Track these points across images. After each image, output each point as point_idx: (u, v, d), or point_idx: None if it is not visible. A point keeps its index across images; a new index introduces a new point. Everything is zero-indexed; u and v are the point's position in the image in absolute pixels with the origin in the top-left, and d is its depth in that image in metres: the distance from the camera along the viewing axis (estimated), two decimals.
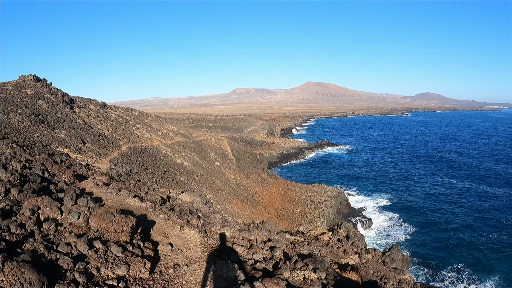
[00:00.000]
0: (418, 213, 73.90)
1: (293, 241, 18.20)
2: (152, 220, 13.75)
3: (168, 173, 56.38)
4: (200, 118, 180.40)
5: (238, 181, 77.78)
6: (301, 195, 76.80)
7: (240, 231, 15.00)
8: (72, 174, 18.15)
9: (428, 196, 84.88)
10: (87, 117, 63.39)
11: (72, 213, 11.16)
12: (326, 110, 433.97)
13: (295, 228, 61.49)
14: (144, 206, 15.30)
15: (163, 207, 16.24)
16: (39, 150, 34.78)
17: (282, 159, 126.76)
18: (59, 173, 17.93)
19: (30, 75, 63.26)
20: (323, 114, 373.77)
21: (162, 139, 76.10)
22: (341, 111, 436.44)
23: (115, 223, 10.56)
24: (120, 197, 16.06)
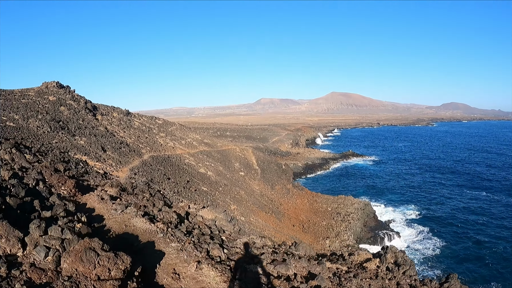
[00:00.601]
0: (447, 226, 69.35)
1: (335, 271, 14.80)
2: (161, 250, 10.49)
3: (191, 183, 53.34)
4: (225, 127, 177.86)
5: (262, 192, 74.34)
6: (327, 207, 73.22)
7: (274, 263, 11.64)
8: (73, 186, 15.16)
9: (457, 208, 80.00)
10: (110, 124, 61.04)
11: (38, 248, 7.91)
12: (350, 121, 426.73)
13: (321, 242, 57.84)
14: (153, 229, 12.06)
15: (178, 230, 12.95)
16: (54, 157, 32.16)
17: (307, 169, 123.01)
18: (57, 184, 14.98)
19: (53, 81, 61.39)
20: (347, 124, 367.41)
21: (186, 148, 73.32)
22: (366, 121, 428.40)
23: (98, 265, 7.28)
24: (126, 216, 12.94)
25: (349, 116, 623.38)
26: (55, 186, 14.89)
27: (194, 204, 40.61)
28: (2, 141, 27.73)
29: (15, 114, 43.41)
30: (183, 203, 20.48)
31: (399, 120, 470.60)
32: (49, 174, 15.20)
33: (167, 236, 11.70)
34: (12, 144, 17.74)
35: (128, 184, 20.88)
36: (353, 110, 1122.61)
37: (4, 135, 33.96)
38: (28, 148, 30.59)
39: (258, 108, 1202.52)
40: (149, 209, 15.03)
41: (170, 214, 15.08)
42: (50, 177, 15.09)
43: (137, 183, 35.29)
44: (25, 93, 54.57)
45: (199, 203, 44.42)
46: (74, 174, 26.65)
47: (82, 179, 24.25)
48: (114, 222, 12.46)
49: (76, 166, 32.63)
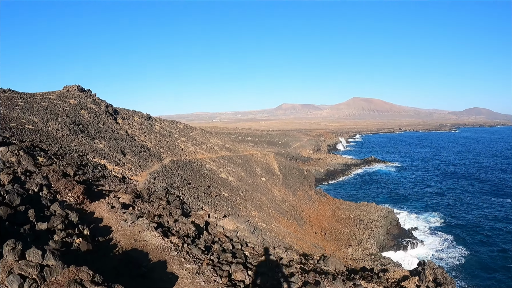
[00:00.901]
0: (472, 234, 66.04)
1: None
2: (173, 273, 8.70)
3: (212, 188, 51.74)
4: (246, 132, 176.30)
5: (284, 198, 72.36)
6: (350, 214, 70.87)
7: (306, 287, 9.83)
8: (82, 192, 13.63)
9: (482, 216, 76.29)
10: (131, 128, 60.01)
11: (11, 277, 6.18)
12: (372, 126, 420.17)
13: (343, 250, 55.63)
14: (166, 245, 10.33)
15: (195, 247, 11.19)
16: (71, 160, 30.95)
17: (329, 175, 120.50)
18: (64, 189, 13.47)
19: (74, 85, 60.75)
20: (369, 130, 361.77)
21: (207, 153, 71.89)
22: (388, 127, 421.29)
23: None
24: (136, 228, 11.31)
25: (370, 121, 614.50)
26: (61, 192, 13.39)
27: (214, 212, 38.99)
28: (17, 143, 26.65)
29: (35, 117, 42.54)
30: (203, 211, 18.76)
31: (421, 126, 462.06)
32: (56, 179, 13.72)
33: (182, 254, 9.99)
34: (20, 146, 16.36)
35: (144, 190, 19.28)
36: (375, 115, 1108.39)
37: (20, 137, 32.93)
38: (44, 151, 29.40)
39: (280, 114, 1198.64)
40: (164, 220, 13.36)
41: (187, 225, 13.37)
42: (56, 182, 13.61)
43: (155, 188, 33.84)
44: (46, 97, 53.93)
45: (220, 211, 42.73)
46: (89, 178, 25.40)
47: (97, 184, 22.89)
48: (122, 235, 10.84)
49: (94, 170, 31.34)
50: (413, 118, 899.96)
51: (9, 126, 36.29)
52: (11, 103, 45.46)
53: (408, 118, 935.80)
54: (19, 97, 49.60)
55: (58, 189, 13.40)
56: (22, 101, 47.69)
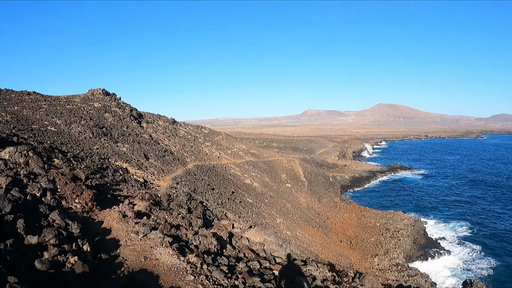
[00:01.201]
0: (502, 243, 62.99)
1: None
2: None
3: (236, 194, 50.04)
4: (271, 138, 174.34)
5: (309, 205, 70.13)
6: (376, 222, 68.30)
7: None
8: (91, 198, 11.99)
9: None
10: (155, 132, 58.89)
11: None
12: (398, 133, 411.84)
13: (369, 260, 53.25)
14: (181, 266, 8.45)
15: (217, 269, 9.29)
16: (92, 163, 29.69)
17: (354, 182, 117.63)
18: (71, 195, 11.87)
19: (99, 88, 60.09)
20: (395, 136, 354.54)
21: (232, 158, 70.29)
22: (414, 133, 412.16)
23: None
24: (148, 242, 9.55)
25: (396, 128, 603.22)
26: (67, 198, 11.80)
27: (239, 220, 37.16)
28: (36, 145, 25.49)
29: (58, 119, 41.65)
30: (227, 221, 16.96)
31: (447, 133, 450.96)
32: (63, 183, 12.15)
33: (200, 278, 8.13)
34: (30, 147, 14.92)
35: (164, 196, 17.61)
36: (400, 122, 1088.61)
37: (40, 139, 31.88)
38: (63, 153, 28.17)
39: (304, 119, 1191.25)
40: (182, 232, 11.59)
41: (208, 239, 11.56)
42: (63, 187, 12.04)
43: (177, 193, 32.27)
44: (70, 100, 53.28)
45: (244, 218, 40.93)
46: (107, 181, 24.02)
47: (114, 188, 21.42)
48: (131, 251, 9.12)
49: (114, 173, 29.99)
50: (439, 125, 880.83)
51: (31, 127, 35.37)
52: (35, 105, 44.77)
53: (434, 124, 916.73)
54: (43, 100, 48.97)
55: (64, 195, 11.81)
56: (46, 104, 46.99)
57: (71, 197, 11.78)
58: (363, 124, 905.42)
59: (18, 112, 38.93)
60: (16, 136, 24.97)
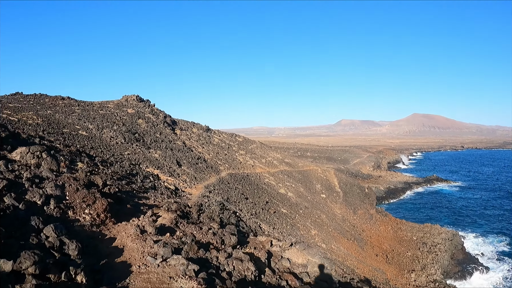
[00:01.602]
0: None
1: None
2: None
3: (270, 204, 47.60)
4: (305, 148, 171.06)
5: (344, 216, 66.94)
6: (412, 236, 64.66)
7: None
8: (104, 208, 9.77)
9: None
10: (188, 139, 57.26)
11: None
12: (433, 143, 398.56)
13: (406, 275, 49.93)
14: None
15: None
16: (122, 169, 27.91)
17: (390, 194, 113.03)
18: (80, 204, 9.72)
19: (133, 95, 59.09)
20: (430, 147, 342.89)
21: (266, 167, 67.99)
22: (449, 144, 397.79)
23: None
24: (168, 270, 7.14)
25: (431, 138, 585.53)
26: (76, 208, 9.67)
27: (277, 236, 34.64)
28: (61, 147, 23.93)
29: (90, 124, 40.39)
30: (264, 237, 14.52)
31: (484, 143, 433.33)
32: (74, 189, 10.04)
33: None
34: (44, 148, 13.01)
35: (195, 206, 15.37)
36: (436, 132, 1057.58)
37: (70, 142, 30.42)
38: (90, 157, 26.42)
39: (339, 130, 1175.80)
40: (212, 255, 9.20)
41: (244, 264, 9.08)
42: (73, 194, 9.94)
43: (210, 203, 30.08)
44: (104, 105, 52.34)
45: (280, 231, 38.34)
46: (134, 188, 22.07)
47: (140, 196, 19.39)
48: (143, 282, 6.81)
49: (144, 179, 28.09)
50: (475, 135, 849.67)
51: (62, 131, 34.05)
52: (68, 110, 43.81)
53: (470, 135, 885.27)
54: (76, 105, 48.11)
55: (73, 203, 9.70)
56: (79, 109, 46.02)
57: (80, 206, 9.65)
58: (398, 135, 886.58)
59: (50, 116, 37.84)
60: (42, 138, 23.37)
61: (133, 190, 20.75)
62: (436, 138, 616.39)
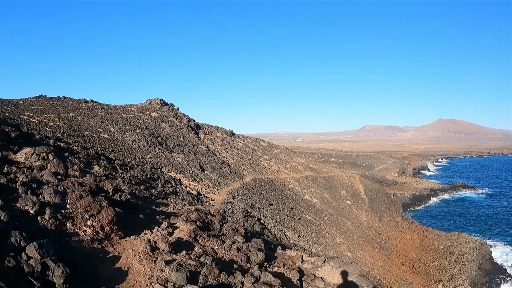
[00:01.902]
0: None
1: None
2: None
3: (295, 211, 45.75)
4: (330, 153, 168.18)
5: (370, 223, 64.52)
6: (439, 245, 61.85)
7: None
8: (110, 220, 8.13)
9: None
10: (212, 144, 55.91)
11: None
12: (459, 149, 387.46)
13: (433, 286, 47.59)
14: None
15: None
16: (142, 172, 26.58)
17: (415, 200, 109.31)
18: (82, 214, 8.15)
19: (157, 99, 58.16)
20: (455, 153, 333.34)
21: (290, 172, 66.12)
22: (475, 150, 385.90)
23: None
24: None
25: (456, 144, 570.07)
26: (76, 218, 8.14)
27: (302, 245, 32.79)
28: (78, 149, 22.72)
29: (112, 127, 39.37)
30: (293, 251, 12.77)
31: (511, 149, 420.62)
32: (77, 196, 8.52)
33: None
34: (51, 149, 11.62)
35: (218, 216, 13.76)
36: (461, 138, 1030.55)
37: (90, 145, 29.32)
38: (109, 160, 25.18)
39: (363, 135, 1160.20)
40: (236, 279, 7.50)
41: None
42: (75, 202, 8.41)
43: (233, 209, 28.50)
44: (127, 109, 51.49)
45: (310, 245, 36.36)
46: (154, 194, 20.60)
47: (159, 203, 17.92)
48: None
49: (164, 184, 26.70)
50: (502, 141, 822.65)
51: (83, 134, 33.05)
52: (91, 113, 42.98)
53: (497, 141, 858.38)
54: (100, 108, 47.32)
55: (74, 213, 8.17)
56: (102, 112, 45.16)
57: (82, 217, 8.13)
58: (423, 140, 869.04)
59: (72, 118, 36.97)
60: (58, 139, 22.19)
61: (152, 195, 19.31)
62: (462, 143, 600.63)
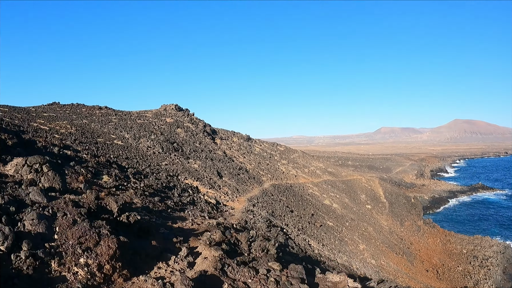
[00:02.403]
0: None
1: None
2: None
3: (316, 217, 43.35)
4: (346, 156, 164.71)
5: (391, 228, 61.66)
6: (462, 249, 58.72)
7: None
8: (112, 255, 5.87)
9: None
10: (229, 149, 53.79)
11: None
12: (476, 150, 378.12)
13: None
14: None
15: None
16: (157, 181, 24.47)
17: (434, 203, 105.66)
18: (73, 248, 5.81)
19: (172, 104, 56.26)
20: (473, 154, 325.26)
21: (309, 177, 63.64)
22: (492, 150, 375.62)
23: None
24: None
25: (473, 144, 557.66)
26: (66, 255, 5.90)
27: (328, 257, 30.40)
28: (86, 157, 20.65)
29: (126, 133, 37.44)
30: (335, 275, 10.50)
31: None
32: (69, 222, 6.37)
33: None
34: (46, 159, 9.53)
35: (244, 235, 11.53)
36: (478, 138, 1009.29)
37: (103, 152, 27.38)
38: (122, 168, 23.12)
39: (378, 137, 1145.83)
40: None
41: None
42: (66, 230, 6.17)
43: (255, 219, 26.25)
44: (142, 115, 49.66)
45: (335, 254, 34.01)
46: (171, 205, 18.36)
47: (176, 217, 15.69)
48: None
49: (181, 193, 24.57)
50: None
51: (96, 141, 31.14)
52: (105, 119, 41.16)
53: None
54: (114, 114, 45.54)
55: (62, 247, 5.93)
56: (117, 118, 43.34)
57: (74, 252, 5.90)
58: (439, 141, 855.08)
59: (85, 125, 35.13)
60: (66, 147, 20.20)
61: (168, 207, 17.11)
62: (479, 144, 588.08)
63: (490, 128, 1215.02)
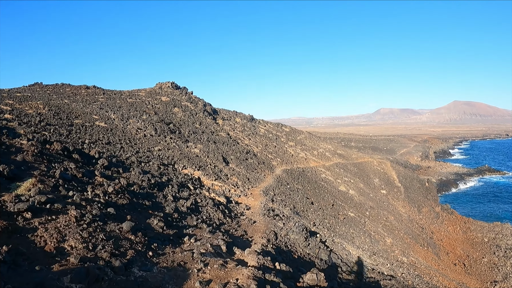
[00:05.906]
0: None
1: None
2: None
3: (336, 207, 36.58)
4: (348, 137, 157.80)
5: (410, 216, 55.11)
6: (483, 237, 52.53)
7: None
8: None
9: None
10: (232, 130, 46.63)
11: None
12: (476, 131, 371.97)
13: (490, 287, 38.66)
14: None
15: None
16: (143, 176, 17.41)
17: (442, 186, 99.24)
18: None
19: (168, 82, 48.98)
20: (474, 135, 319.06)
21: (320, 160, 56.72)
22: (493, 132, 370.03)
23: None
24: None
25: (474, 126, 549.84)
26: None
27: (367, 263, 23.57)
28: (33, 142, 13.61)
29: (113, 114, 30.18)
30: None
31: None
32: None
33: None
34: None
35: None
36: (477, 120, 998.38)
37: (74, 136, 20.31)
38: (90, 160, 16.02)
39: (377, 118, 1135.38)
40: None
41: None
42: None
43: (286, 229, 19.24)
44: (134, 93, 42.39)
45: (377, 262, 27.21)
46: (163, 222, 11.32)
47: (166, 257, 8.76)
48: None
49: (179, 190, 17.54)
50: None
51: (71, 122, 23.88)
52: (90, 99, 33.93)
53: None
54: (102, 93, 38.27)
55: None
56: (104, 97, 36.05)
57: None
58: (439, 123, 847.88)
59: (63, 106, 27.78)
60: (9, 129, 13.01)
61: (154, 230, 10.04)
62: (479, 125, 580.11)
63: (489, 110, 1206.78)
